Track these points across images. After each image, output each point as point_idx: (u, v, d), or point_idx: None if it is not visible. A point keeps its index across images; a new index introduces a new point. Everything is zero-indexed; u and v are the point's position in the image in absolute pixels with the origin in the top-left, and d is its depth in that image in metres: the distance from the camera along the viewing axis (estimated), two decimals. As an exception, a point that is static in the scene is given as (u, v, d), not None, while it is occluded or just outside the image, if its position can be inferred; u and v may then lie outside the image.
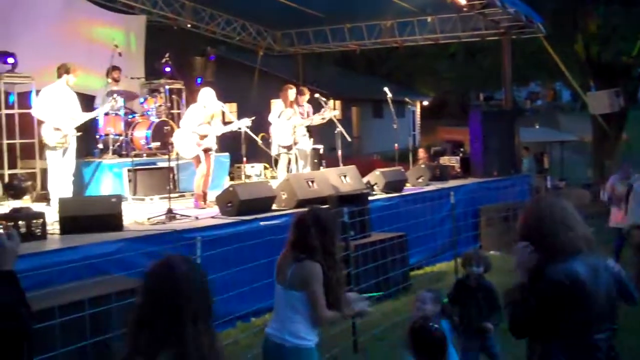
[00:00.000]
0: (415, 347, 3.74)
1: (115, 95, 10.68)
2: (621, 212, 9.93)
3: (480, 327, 5.29)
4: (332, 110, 11.87)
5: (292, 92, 11.58)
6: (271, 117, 11.65)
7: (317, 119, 11.75)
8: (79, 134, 9.77)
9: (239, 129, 9.93)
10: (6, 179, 10.93)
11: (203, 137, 9.75)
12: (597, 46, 20.65)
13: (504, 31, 14.91)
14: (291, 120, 11.46)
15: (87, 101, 10.69)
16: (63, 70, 9.60)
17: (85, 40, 13.56)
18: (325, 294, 3.87)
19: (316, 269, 3.85)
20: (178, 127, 10.33)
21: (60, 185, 9.58)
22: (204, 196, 9.94)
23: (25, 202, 10.12)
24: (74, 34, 13.45)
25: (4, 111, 11.19)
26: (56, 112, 9.42)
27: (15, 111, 11.15)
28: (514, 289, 3.22)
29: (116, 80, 12.51)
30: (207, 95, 9.87)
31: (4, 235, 2.95)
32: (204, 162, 9.90)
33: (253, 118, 10.02)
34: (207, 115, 9.83)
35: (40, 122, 9.67)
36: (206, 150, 9.91)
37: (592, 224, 3.41)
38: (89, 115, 9.95)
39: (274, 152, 11.71)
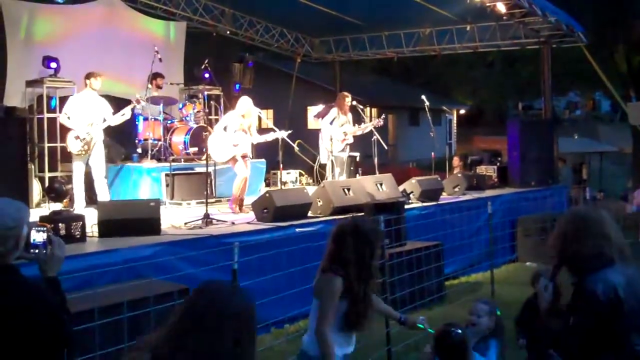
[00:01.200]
0: (437, 350, 3.88)
1: (138, 96, 10.83)
2: None
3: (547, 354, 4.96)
4: (382, 120, 11.96)
5: (348, 100, 11.67)
6: (323, 123, 11.71)
7: (369, 128, 11.82)
8: (101, 137, 9.98)
9: (277, 138, 9.99)
10: (47, 182, 11.12)
11: (237, 144, 9.82)
12: (638, 56, 20.37)
13: (544, 40, 14.77)
14: (343, 127, 11.55)
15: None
16: (86, 77, 9.96)
17: (127, 46, 13.76)
18: (348, 308, 3.85)
19: (333, 282, 3.80)
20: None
21: (98, 190, 9.82)
22: (241, 202, 10.01)
23: (65, 205, 10.29)
24: (115, 40, 13.67)
25: (47, 115, 11.40)
26: (77, 120, 9.71)
27: (57, 115, 11.34)
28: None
29: (159, 87, 12.67)
30: (245, 104, 9.95)
31: (55, 242, 3.01)
32: (243, 166, 9.96)
33: (290, 132, 10.04)
34: (243, 123, 9.90)
35: (65, 130, 9.97)
36: (243, 156, 9.98)
37: (627, 236, 3.37)
38: (116, 119, 10.11)
39: (323, 158, 11.76)
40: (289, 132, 9.98)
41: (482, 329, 4.36)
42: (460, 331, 3.92)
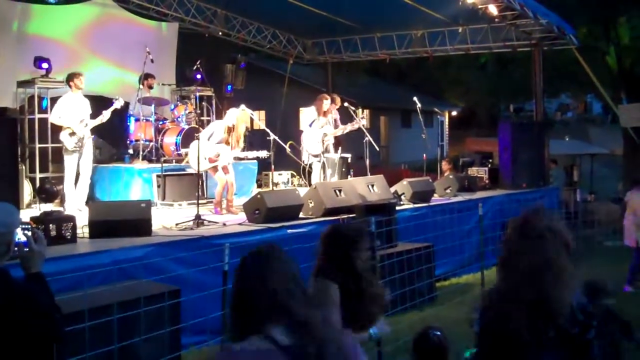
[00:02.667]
0: (416, 354, 3.79)
1: (116, 98, 10.86)
2: None
3: None
4: (361, 121, 11.91)
5: (326, 102, 11.64)
6: (303, 126, 11.71)
7: (348, 129, 11.79)
8: (92, 136, 10.25)
9: (258, 158, 10.06)
10: (37, 183, 11.10)
11: (218, 155, 9.83)
12: (629, 58, 20.45)
13: (535, 42, 14.82)
14: (323, 129, 11.52)
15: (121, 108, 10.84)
16: (68, 79, 10.23)
17: (118, 46, 13.73)
18: (345, 311, 3.83)
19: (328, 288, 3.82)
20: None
21: (79, 189, 9.94)
22: (229, 202, 10.05)
23: (56, 205, 10.28)
24: (107, 41, 13.64)
25: (38, 115, 11.37)
26: (70, 118, 9.98)
27: (48, 115, 11.30)
28: None
29: (150, 87, 12.67)
30: (232, 117, 9.98)
31: (32, 239, 3.00)
32: (222, 174, 10.01)
33: (270, 154, 10.04)
34: (228, 136, 9.91)
35: (57, 129, 10.14)
36: (223, 167, 10.03)
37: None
38: (99, 119, 10.23)
39: (305, 160, 11.75)
40: (269, 154, 10.00)
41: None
42: (439, 333, 3.88)
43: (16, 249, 2.96)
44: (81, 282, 5.71)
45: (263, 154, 9.94)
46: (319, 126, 11.54)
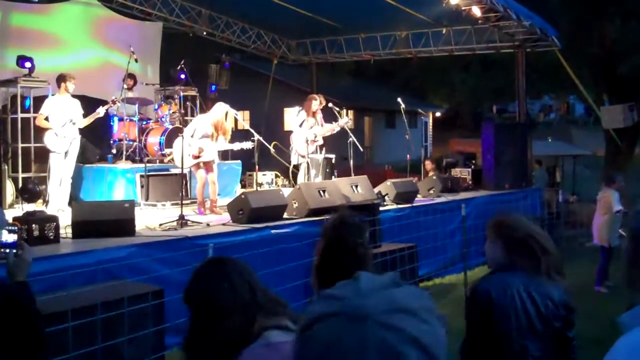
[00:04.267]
0: None
1: (114, 97, 10.82)
2: None
3: None
4: (346, 120, 11.92)
5: (315, 103, 11.63)
6: (293, 126, 11.72)
7: (337, 129, 11.81)
8: (78, 136, 10.20)
9: (242, 149, 10.04)
10: (20, 183, 11.04)
11: (201, 150, 9.83)
12: (612, 60, 20.59)
13: (518, 44, 14.92)
14: (313, 129, 11.54)
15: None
16: (61, 80, 10.11)
17: (102, 46, 13.68)
18: None
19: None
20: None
21: (61, 189, 9.93)
22: (212, 203, 10.05)
23: (38, 205, 10.23)
24: (90, 40, 13.59)
25: (20, 115, 11.30)
26: (56, 120, 9.93)
27: (31, 115, 11.24)
28: None
29: (130, 88, 12.64)
30: (219, 112, 9.97)
31: (23, 246, 3.00)
32: (203, 172, 10.01)
33: (255, 140, 10.04)
34: (212, 130, 9.91)
35: (43, 129, 10.10)
36: (206, 163, 10.01)
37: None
38: (89, 119, 10.21)
39: (293, 160, 11.76)
40: (255, 140, 9.99)
41: None
42: None
43: (2, 250, 2.96)
44: (64, 283, 5.70)
45: (247, 144, 9.94)
46: (308, 127, 11.57)
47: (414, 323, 1.10)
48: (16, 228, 2.97)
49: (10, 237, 2.98)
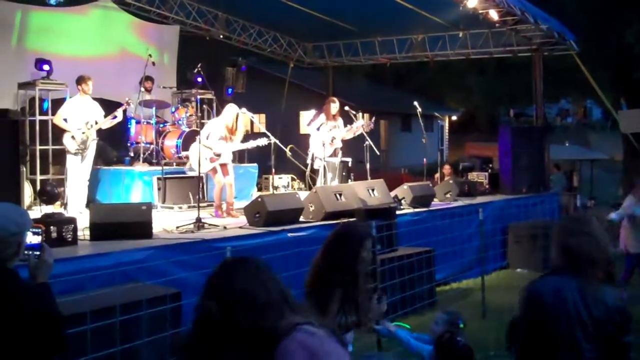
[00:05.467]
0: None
1: (127, 99, 10.84)
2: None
3: None
4: (371, 123, 11.89)
5: (334, 106, 11.61)
6: (311, 129, 11.69)
7: (359, 131, 11.78)
8: (96, 139, 10.23)
9: (259, 146, 10.05)
10: (38, 185, 11.11)
11: (218, 154, 9.85)
12: (629, 65, 20.46)
13: (536, 47, 14.85)
14: (332, 132, 11.53)
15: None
16: (78, 82, 10.20)
17: (119, 49, 13.76)
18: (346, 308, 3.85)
19: None
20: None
21: (77, 190, 9.95)
22: (229, 206, 10.06)
23: (56, 207, 10.29)
24: (108, 43, 13.66)
25: (39, 117, 11.38)
26: (73, 122, 10.00)
27: (49, 117, 11.32)
28: None
29: (148, 90, 12.70)
30: (230, 113, 9.99)
31: (45, 248, 3.01)
32: (221, 176, 10.02)
33: (268, 142, 10.04)
34: (226, 132, 9.93)
35: (60, 131, 10.17)
36: (223, 165, 10.03)
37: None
38: (107, 123, 10.22)
39: (312, 164, 11.74)
40: (269, 141, 10.00)
41: (453, 330, 4.34)
42: (464, 340, 3.89)
43: (26, 252, 2.97)
44: (82, 285, 5.72)
45: (262, 141, 9.94)
46: (327, 129, 11.56)
47: None
48: (40, 230, 2.98)
49: (34, 239, 2.99)
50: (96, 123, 10.12)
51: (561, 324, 3.20)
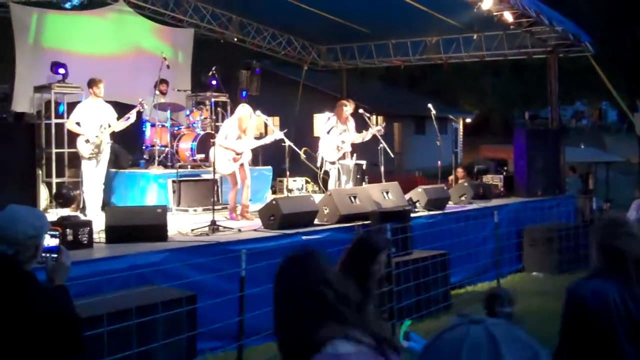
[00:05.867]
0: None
1: (140, 100, 10.84)
2: None
3: None
4: (381, 127, 11.87)
5: (346, 109, 11.59)
6: (321, 132, 11.69)
7: (368, 137, 11.76)
8: (110, 142, 10.22)
9: (275, 140, 10.08)
10: (54, 188, 11.17)
11: (239, 153, 9.89)
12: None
13: (551, 49, 14.77)
14: (341, 136, 11.51)
15: (137, 113, 10.86)
16: (89, 85, 10.24)
17: (134, 52, 13.82)
18: None
19: None
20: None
21: (92, 193, 9.97)
22: (244, 208, 10.07)
23: (72, 210, 10.33)
24: (122, 46, 13.73)
25: (54, 120, 11.45)
26: (86, 126, 10.00)
27: (65, 120, 11.38)
28: None
29: (163, 93, 12.74)
30: (241, 109, 10.03)
31: (62, 250, 3.03)
32: (238, 178, 10.05)
33: (285, 130, 10.11)
34: (240, 130, 9.98)
35: (74, 135, 10.16)
36: (241, 165, 10.07)
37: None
38: (121, 125, 10.23)
39: (321, 167, 11.74)
40: (285, 131, 10.03)
41: None
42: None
43: (44, 255, 2.99)
44: (98, 287, 5.74)
45: (279, 135, 9.98)
46: (337, 133, 11.54)
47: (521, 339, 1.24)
48: (57, 233, 2.99)
49: (52, 242, 3.00)
50: (109, 126, 10.14)
51: (604, 327, 3.16)
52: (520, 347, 1.20)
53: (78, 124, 10.07)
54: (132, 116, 10.28)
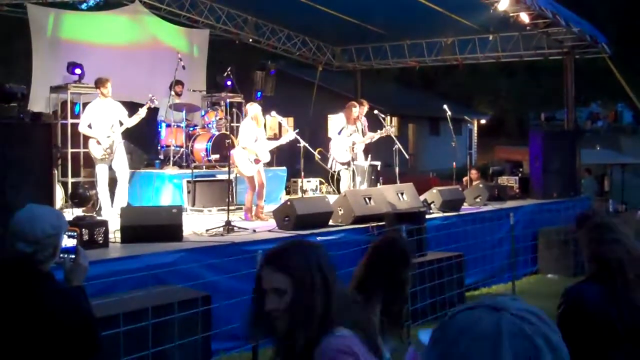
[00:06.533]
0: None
1: (151, 95, 10.78)
2: None
3: None
4: (390, 128, 11.83)
5: (355, 110, 11.56)
6: (332, 133, 11.68)
7: (376, 137, 11.73)
8: (122, 141, 10.11)
9: (290, 140, 10.11)
10: (69, 187, 11.21)
11: (258, 156, 9.94)
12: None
13: (567, 50, 14.69)
14: (352, 137, 11.48)
15: (152, 113, 10.88)
16: (96, 85, 10.13)
17: (150, 52, 13.87)
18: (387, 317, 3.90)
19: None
20: (237, 140, 10.48)
21: (117, 194, 9.93)
22: (258, 209, 10.09)
23: (88, 210, 10.36)
24: (138, 47, 13.79)
25: (70, 120, 11.50)
26: (97, 127, 9.88)
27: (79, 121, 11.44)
28: None
29: (178, 94, 12.77)
30: (253, 108, 10.08)
31: (80, 251, 3.03)
32: (254, 180, 10.08)
33: (297, 131, 10.14)
34: (258, 130, 10.03)
35: (86, 137, 10.10)
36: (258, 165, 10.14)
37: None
38: (132, 121, 10.17)
39: (332, 167, 11.73)
40: (296, 131, 10.09)
41: None
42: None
43: (62, 255, 2.99)
44: (114, 287, 5.76)
45: (293, 135, 10.03)
46: (348, 134, 11.51)
47: (544, 325, 1.21)
48: (75, 233, 2.99)
49: (69, 242, 3.01)
50: (121, 124, 9.99)
51: (597, 330, 3.17)
52: (526, 346, 1.17)
53: (89, 126, 9.94)
54: (142, 112, 10.21)
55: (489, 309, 1.21)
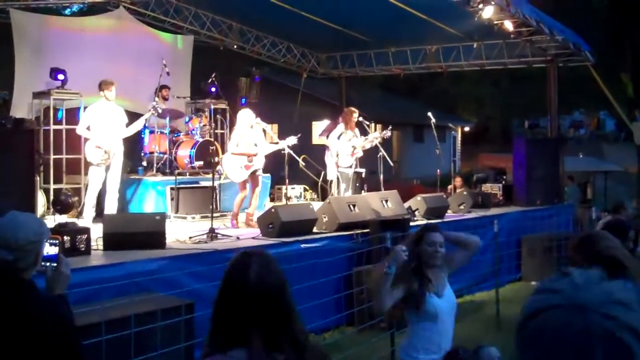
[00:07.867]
0: None
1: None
2: None
3: None
4: (387, 132, 11.85)
5: (355, 115, 11.63)
6: (331, 139, 11.67)
7: (377, 140, 11.75)
8: (121, 147, 9.99)
9: (287, 146, 10.04)
10: (51, 194, 11.11)
11: (251, 157, 9.87)
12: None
13: (550, 58, 14.78)
14: (351, 142, 11.51)
15: (136, 119, 10.79)
16: (100, 87, 9.93)
17: (134, 59, 13.80)
18: None
19: None
20: (222, 147, 10.46)
21: (108, 202, 9.82)
22: (248, 216, 10.04)
23: (70, 217, 10.27)
24: (123, 53, 13.72)
25: (53, 127, 11.41)
26: (97, 130, 9.72)
27: (63, 127, 11.36)
28: None
29: (165, 99, 12.71)
30: (248, 115, 10.02)
31: (61, 259, 3.00)
32: (250, 183, 10.01)
33: (299, 135, 10.12)
34: (253, 135, 9.97)
35: (85, 140, 9.98)
36: (253, 173, 10.03)
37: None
38: (134, 127, 10.10)
39: (330, 174, 11.72)
40: (299, 135, 10.04)
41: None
42: (469, 351, 3.82)
43: (43, 263, 2.96)
44: (95, 295, 5.71)
45: (291, 140, 9.95)
46: (347, 139, 11.55)
47: (629, 314, 1.20)
48: (57, 241, 2.96)
49: (51, 250, 2.98)
50: (112, 134, 9.82)
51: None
52: (618, 348, 1.17)
53: (88, 128, 9.79)
54: (142, 122, 10.15)
55: (574, 309, 1.20)
